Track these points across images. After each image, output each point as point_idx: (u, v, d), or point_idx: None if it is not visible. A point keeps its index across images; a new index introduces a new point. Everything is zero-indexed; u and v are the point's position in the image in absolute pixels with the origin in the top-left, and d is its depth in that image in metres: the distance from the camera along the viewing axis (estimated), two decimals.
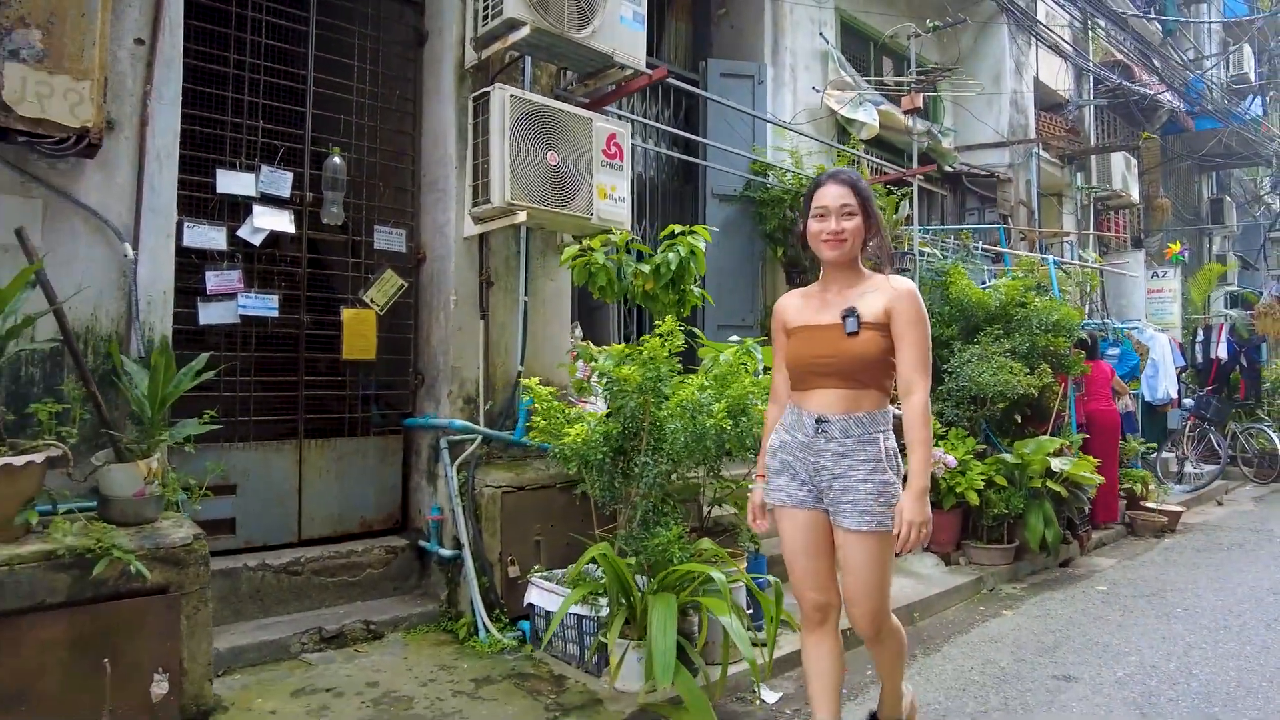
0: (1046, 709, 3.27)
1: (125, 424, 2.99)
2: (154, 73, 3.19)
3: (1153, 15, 11.48)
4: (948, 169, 8.56)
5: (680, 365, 3.54)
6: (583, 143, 4.03)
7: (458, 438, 3.99)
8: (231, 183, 3.64)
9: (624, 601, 3.12)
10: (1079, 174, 10.18)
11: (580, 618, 3.41)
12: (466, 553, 3.80)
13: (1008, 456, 5.47)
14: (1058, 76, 9.98)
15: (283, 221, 3.80)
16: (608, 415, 3.49)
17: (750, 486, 2.91)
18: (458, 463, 3.95)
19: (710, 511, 3.99)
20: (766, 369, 3.51)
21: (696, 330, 4.24)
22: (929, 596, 4.70)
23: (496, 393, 4.20)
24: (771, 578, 3.49)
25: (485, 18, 3.88)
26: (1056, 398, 6.19)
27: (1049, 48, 9.14)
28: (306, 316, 3.94)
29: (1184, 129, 12.02)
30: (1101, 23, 9.53)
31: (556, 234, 4.38)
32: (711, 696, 2.99)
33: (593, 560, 3.23)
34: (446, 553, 3.90)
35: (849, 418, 2.41)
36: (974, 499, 5.25)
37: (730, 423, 3.20)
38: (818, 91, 7.07)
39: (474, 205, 3.93)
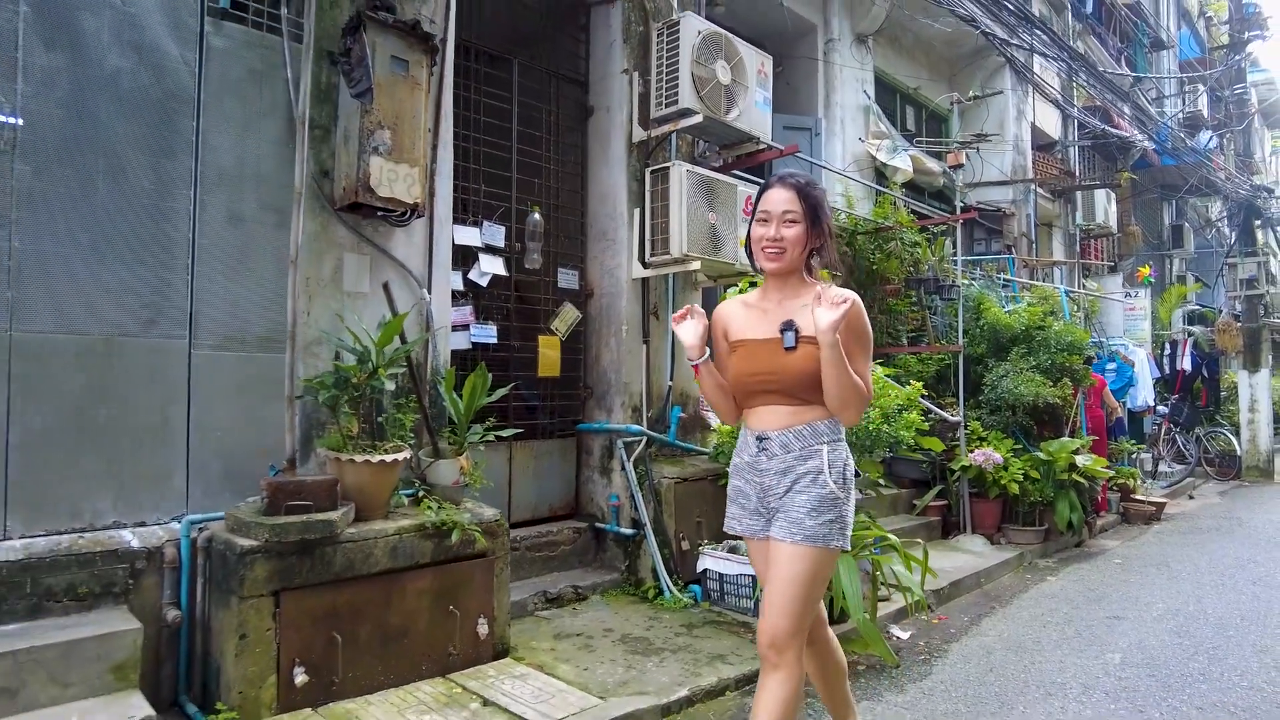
0: (1109, 635, 4.36)
1: (434, 430, 3.90)
2: (438, 153, 4.11)
3: (1123, 69, 12.90)
4: (959, 205, 9.74)
5: None
6: (730, 204, 5.04)
7: (629, 439, 4.95)
8: (465, 236, 4.56)
9: None
10: (1068, 206, 11.49)
11: (752, 577, 4.40)
12: (648, 531, 4.76)
13: (1040, 454, 6.60)
14: (1049, 121, 11.28)
15: (499, 266, 4.73)
16: None
17: None
18: (633, 459, 4.92)
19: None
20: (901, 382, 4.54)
21: None
22: (987, 567, 5.78)
23: (654, 403, 5.17)
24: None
25: (660, 104, 4.87)
26: (1070, 405, 7.36)
27: (1047, 100, 10.39)
28: (515, 342, 4.87)
29: (1151, 164, 13.47)
30: (1083, 75, 10.80)
31: (693, 273, 5.36)
32: (866, 633, 4.00)
33: None
34: (627, 531, 4.86)
35: (788, 432, 2.30)
36: (1014, 489, 6.37)
37: (885, 425, 4.23)
38: (861, 141, 8.18)
39: (652, 254, 4.90)
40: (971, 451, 6.50)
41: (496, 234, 4.75)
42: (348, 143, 3.63)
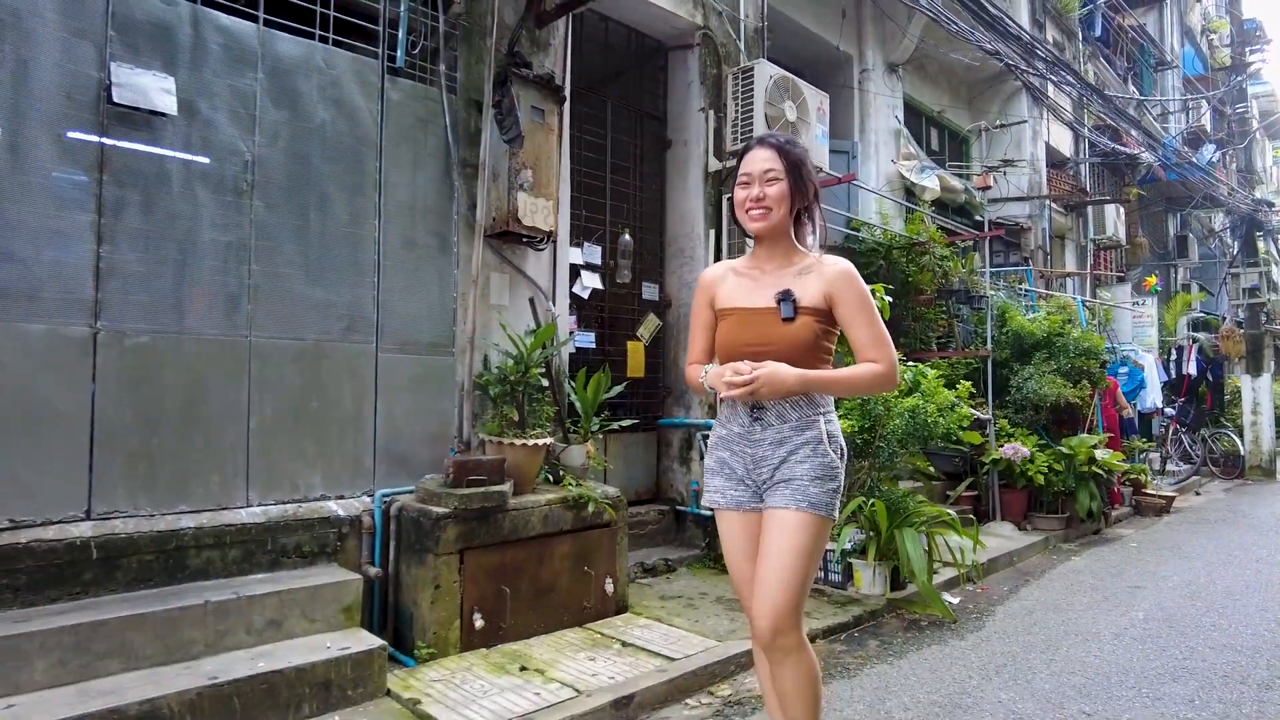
0: (1132, 599, 5.03)
1: (560, 420, 4.57)
2: (560, 184, 4.79)
3: (1130, 89, 13.61)
4: (978, 219, 10.45)
5: None
6: None
7: (705, 433, 5.62)
8: (572, 255, 5.24)
9: (872, 534, 4.79)
10: (1079, 220, 12.20)
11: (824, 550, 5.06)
12: None
13: (1063, 449, 7.27)
14: (1063, 140, 11.99)
15: (597, 281, 5.41)
16: (840, 414, 5.15)
17: None
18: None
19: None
20: (949, 383, 5.21)
21: None
22: (1018, 548, 6.45)
23: None
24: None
25: (735, 139, 5.57)
26: (1088, 405, 8.03)
27: (1062, 122, 11.10)
28: (609, 347, 5.55)
29: (1157, 178, 14.17)
30: (1095, 101, 11.51)
31: None
32: (927, 594, 4.67)
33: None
34: (706, 513, 5.53)
35: (785, 402, 2.22)
36: (1040, 480, 7.04)
37: (940, 418, 4.91)
38: (893, 163, 8.88)
39: None
40: (1001, 446, 7.17)
41: (594, 253, 5.44)
42: (496, 180, 4.31)
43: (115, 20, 3.26)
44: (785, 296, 2.23)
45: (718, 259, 5.68)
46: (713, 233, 5.72)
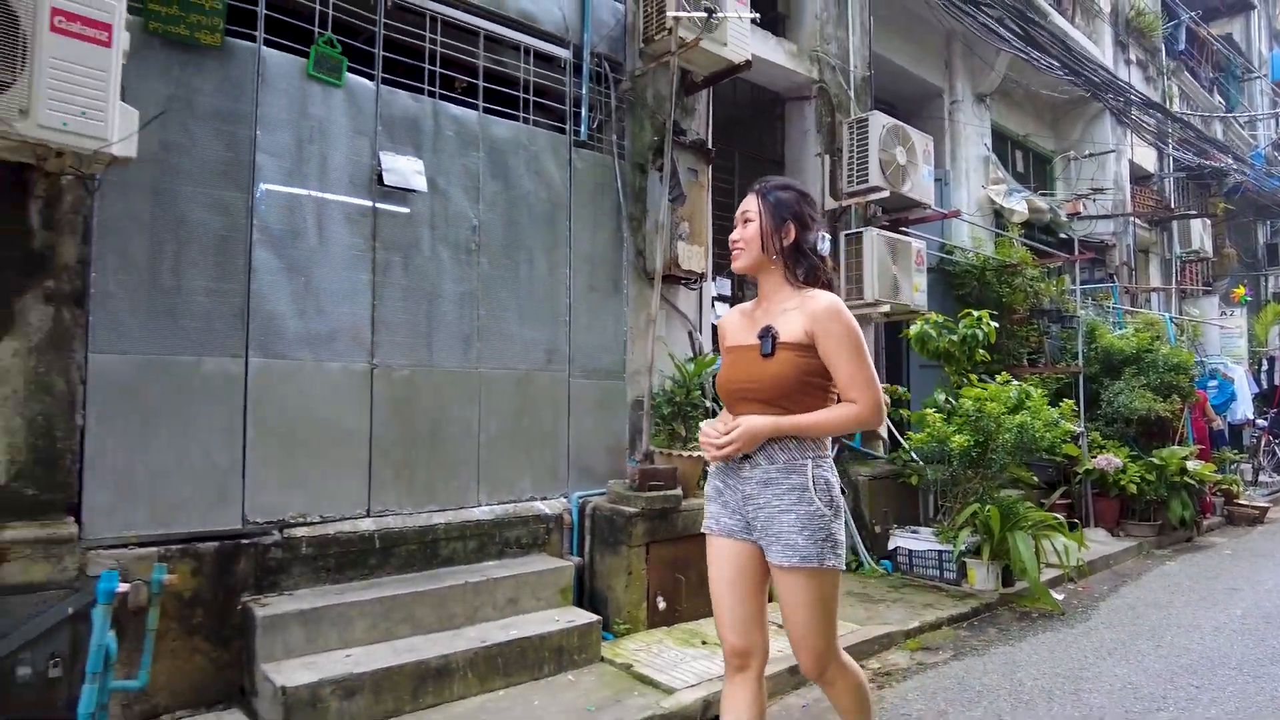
0: (1229, 599, 5.49)
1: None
2: (707, 230, 5.53)
3: (1215, 99, 13.74)
4: (1064, 236, 10.84)
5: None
6: (906, 257, 6.35)
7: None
8: (712, 289, 5.97)
9: (986, 536, 5.37)
10: (1164, 234, 12.43)
11: (939, 551, 5.66)
12: (848, 517, 6.07)
13: (1154, 460, 7.68)
14: (1146, 157, 12.26)
15: (725, 310, 6.12)
16: (955, 430, 5.74)
17: None
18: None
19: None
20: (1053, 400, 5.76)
21: (971, 376, 6.52)
22: (1113, 552, 6.91)
23: None
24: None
25: (851, 181, 6.22)
26: (1178, 418, 8.40)
27: (1145, 142, 11.41)
28: None
29: (1245, 189, 14.23)
30: (1178, 110, 11.78)
31: (875, 311, 6.66)
32: (1037, 589, 5.23)
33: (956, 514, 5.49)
34: None
35: (774, 444, 2.24)
36: (1132, 489, 7.48)
37: (1046, 432, 5.47)
38: (983, 188, 9.38)
39: (846, 299, 6.23)
40: (1094, 457, 7.62)
41: (725, 286, 6.15)
42: (659, 231, 5.07)
43: (381, 118, 4.12)
44: (765, 333, 2.26)
45: (848, 294, 6.33)
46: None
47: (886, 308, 6.12)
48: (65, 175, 3.13)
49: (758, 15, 5.36)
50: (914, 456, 6.28)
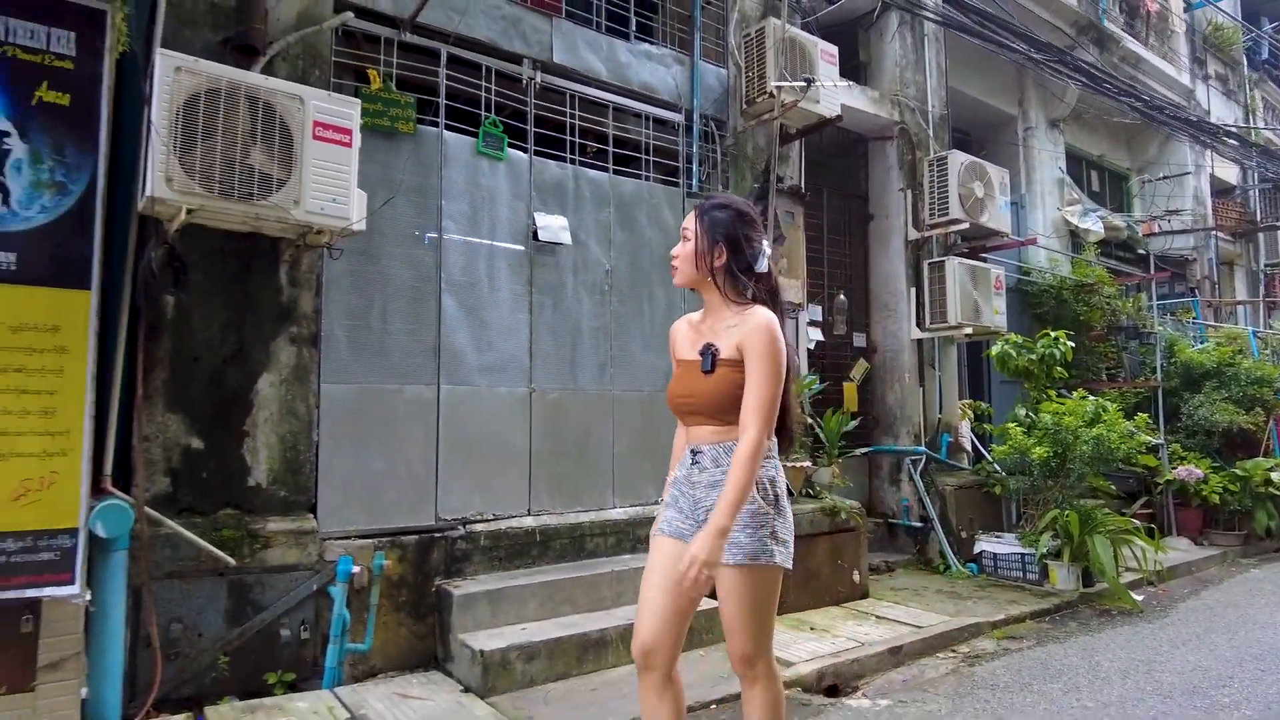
0: None
1: (804, 447, 5.91)
2: (802, 264, 6.18)
3: None
4: (1141, 252, 11.06)
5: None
6: (985, 282, 6.87)
7: (915, 457, 6.81)
8: (805, 316, 6.60)
9: (1066, 540, 5.83)
10: (1249, 246, 12.47)
11: (1022, 554, 6.14)
12: (936, 524, 6.60)
13: (1237, 471, 7.94)
14: (1228, 170, 12.34)
15: (819, 334, 6.75)
16: (1035, 443, 6.21)
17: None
18: (918, 471, 6.78)
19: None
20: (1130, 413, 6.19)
21: (1050, 392, 6.96)
22: (1195, 559, 7.22)
23: (928, 431, 7.01)
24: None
25: (932, 214, 6.79)
26: (1262, 430, 8.60)
27: (1226, 159, 11.55)
28: (829, 387, 6.87)
29: None
30: (1262, 121, 11.86)
31: (956, 334, 7.18)
32: (1116, 589, 5.66)
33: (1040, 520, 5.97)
34: (916, 524, 6.71)
35: (719, 447, 2.33)
36: (1215, 499, 7.75)
37: (1122, 444, 5.92)
38: (1059, 210, 9.75)
39: (931, 322, 6.78)
40: (1175, 468, 7.92)
41: (816, 312, 6.78)
42: None
43: (534, 184, 4.92)
44: (705, 350, 2.34)
45: (919, 315, 6.90)
46: (913, 290, 6.95)
47: (969, 330, 6.65)
48: (306, 244, 4.00)
49: (850, 84, 6.00)
50: (996, 468, 6.77)
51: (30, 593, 3.15)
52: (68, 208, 3.31)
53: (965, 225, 6.65)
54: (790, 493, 2.44)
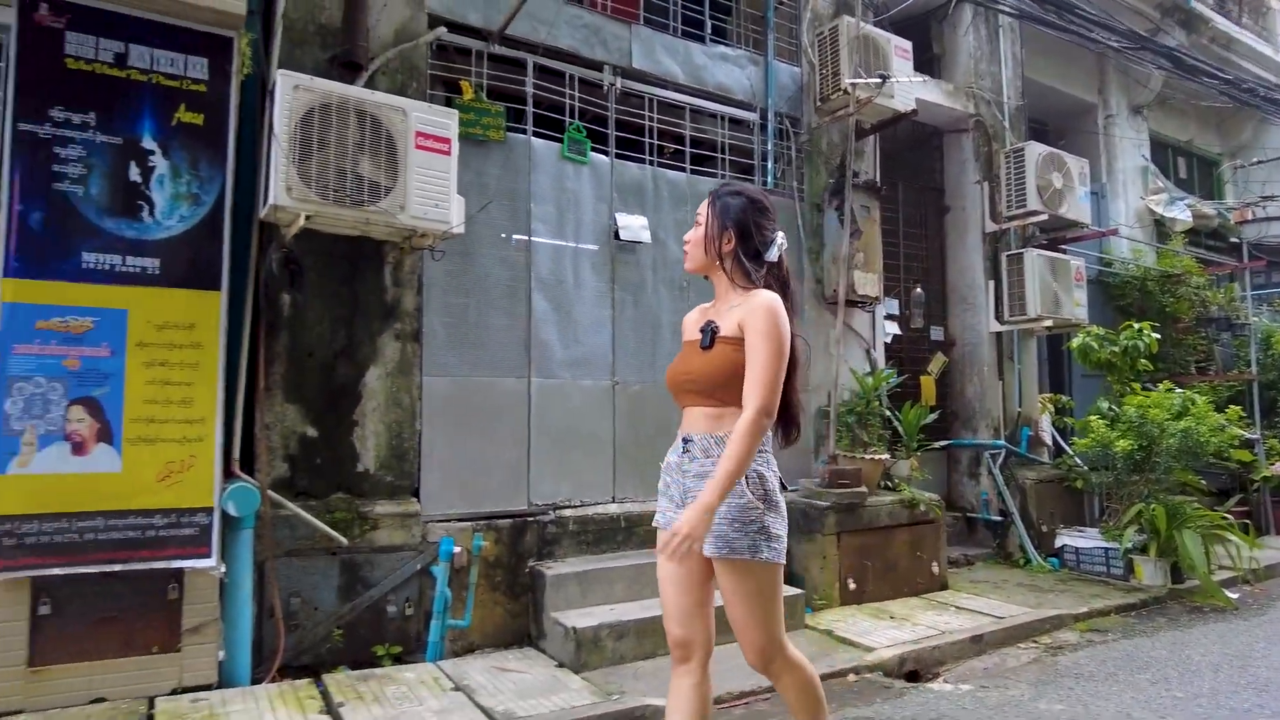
0: None
1: (883, 440, 5.96)
2: (878, 258, 6.22)
3: None
4: (1234, 240, 10.64)
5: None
6: (1066, 274, 6.78)
7: (994, 451, 6.77)
8: (881, 309, 6.64)
9: (1152, 535, 5.73)
10: None
11: (1106, 548, 6.05)
12: (1015, 517, 6.55)
13: None
14: None
15: (896, 328, 6.76)
16: (1119, 436, 6.11)
17: None
18: (997, 465, 6.74)
19: None
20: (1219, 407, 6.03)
21: (1134, 385, 6.83)
22: None
23: (1008, 425, 6.96)
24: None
25: (1010, 206, 6.74)
26: None
27: None
28: (907, 381, 6.89)
29: None
30: None
31: (1035, 326, 7.10)
32: (1207, 585, 5.54)
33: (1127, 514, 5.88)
34: (995, 518, 6.67)
35: (710, 437, 2.29)
36: None
37: (1211, 438, 5.79)
38: (1142, 199, 9.49)
39: (1010, 315, 6.74)
40: (1273, 464, 7.65)
41: (893, 305, 6.80)
42: (836, 262, 5.82)
43: (616, 185, 5.12)
44: (706, 327, 2.34)
45: (998, 308, 6.85)
46: (991, 283, 6.90)
47: (1048, 322, 6.58)
48: (409, 247, 4.28)
49: (924, 78, 6.03)
50: (1078, 461, 6.68)
51: (175, 564, 3.50)
52: (201, 217, 3.66)
53: (1044, 217, 6.57)
54: (784, 486, 2.36)
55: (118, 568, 3.40)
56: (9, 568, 3.22)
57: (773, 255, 2.41)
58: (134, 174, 3.54)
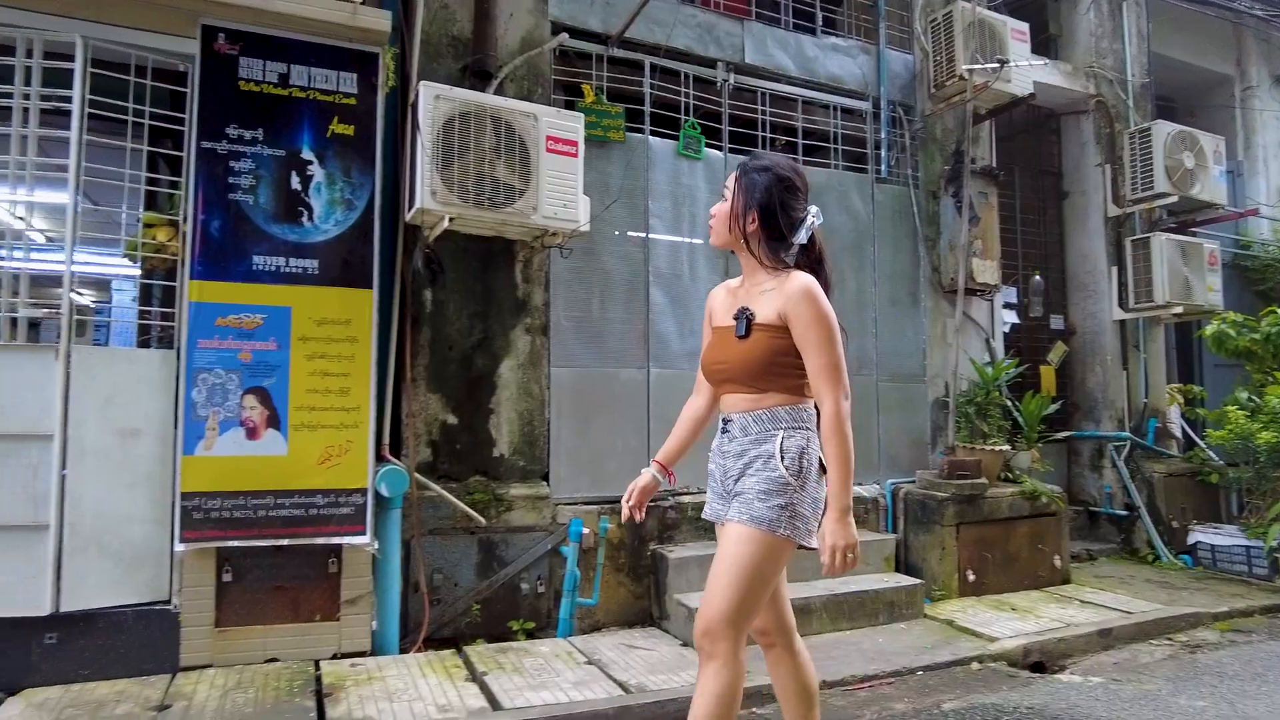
0: None
1: (1002, 431, 5.85)
2: (995, 245, 6.11)
3: None
4: None
5: None
6: (1198, 258, 6.48)
7: (1119, 444, 6.54)
8: (1000, 298, 6.50)
9: None
10: None
11: (1247, 546, 5.77)
12: (1143, 512, 6.32)
13: None
14: None
15: (1014, 317, 6.61)
16: (1261, 428, 5.80)
17: None
18: (1122, 457, 6.50)
19: None
20: None
21: (1277, 374, 6.45)
22: None
23: (1133, 416, 6.70)
24: None
25: (1135, 189, 6.48)
26: None
27: None
28: (1025, 371, 6.72)
29: None
30: None
31: (1163, 313, 6.80)
32: None
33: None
34: (1120, 513, 6.45)
35: (748, 415, 2.23)
36: None
37: None
38: None
39: (1135, 302, 6.48)
40: None
41: (1010, 294, 6.65)
42: (954, 250, 5.75)
43: None
44: (740, 314, 2.24)
45: (1121, 292, 6.60)
46: (1114, 269, 6.65)
47: (1178, 309, 6.29)
48: (540, 245, 4.50)
49: (1044, 61, 5.87)
50: (1212, 455, 6.38)
51: (335, 540, 3.83)
52: (354, 221, 3.96)
53: (1173, 199, 6.29)
54: (822, 467, 2.21)
55: (286, 542, 3.75)
56: (200, 538, 3.60)
57: (801, 237, 2.27)
58: (295, 183, 3.87)
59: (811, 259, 2.31)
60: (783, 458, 2.15)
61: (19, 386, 3.41)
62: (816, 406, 2.20)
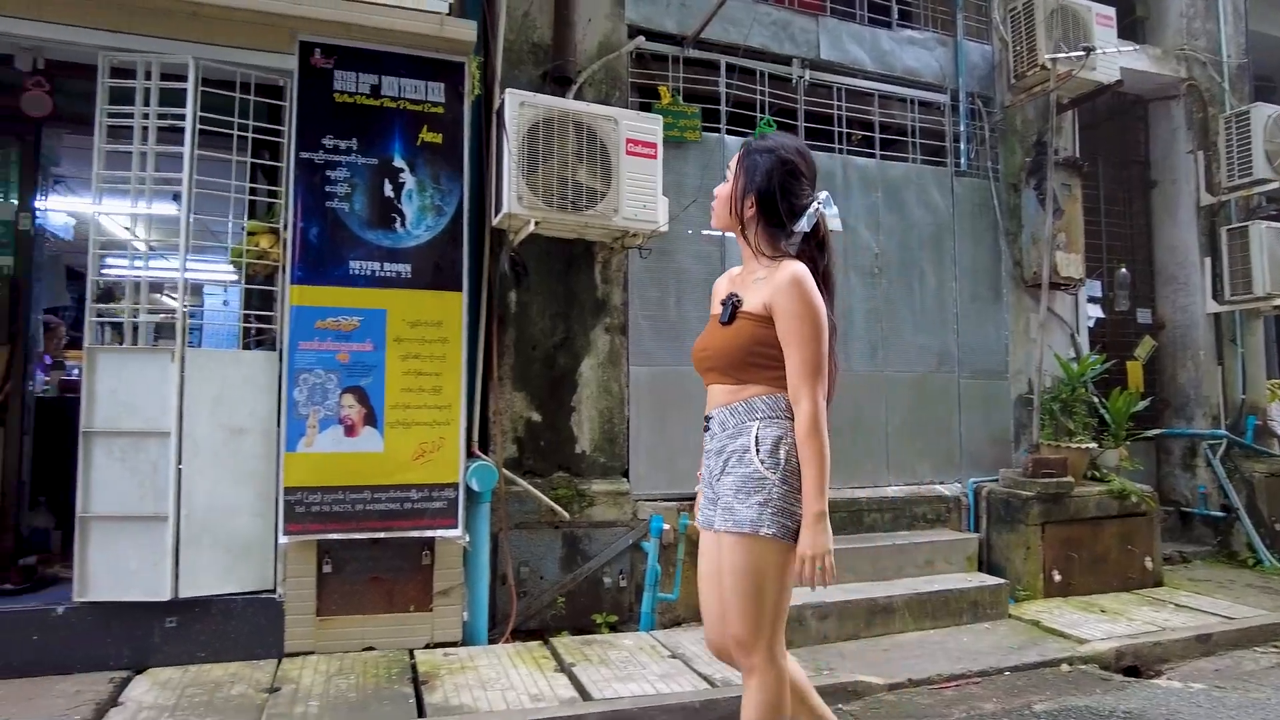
0: None
1: (1088, 428, 5.69)
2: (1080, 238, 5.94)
3: None
4: None
5: None
6: None
7: (1214, 442, 6.28)
8: (1084, 292, 6.31)
9: None
10: None
11: None
12: (1242, 513, 6.06)
13: None
14: None
15: (1099, 311, 6.42)
16: None
17: None
18: (1218, 456, 6.25)
19: None
20: None
21: None
22: None
23: (1229, 413, 6.43)
24: None
25: (1231, 176, 6.21)
26: None
27: None
28: (1112, 366, 6.52)
29: None
30: None
31: (1262, 305, 6.50)
32: None
33: None
34: (1217, 514, 6.20)
35: (726, 409, 2.13)
36: None
37: None
38: None
39: (1231, 295, 6.23)
40: None
41: (1095, 287, 6.46)
42: (1036, 243, 5.62)
43: None
44: (727, 300, 2.16)
45: (1215, 284, 6.34)
46: (1207, 260, 6.39)
47: (1279, 301, 6.02)
48: (620, 247, 4.58)
49: (1133, 46, 5.69)
50: None
51: (428, 533, 3.97)
52: (443, 226, 4.10)
53: (1274, 185, 6.01)
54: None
55: (382, 535, 3.91)
56: (303, 531, 3.79)
57: (803, 225, 2.15)
58: (388, 190, 4.02)
59: (813, 248, 2.20)
60: (758, 450, 2.04)
61: (141, 387, 3.65)
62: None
